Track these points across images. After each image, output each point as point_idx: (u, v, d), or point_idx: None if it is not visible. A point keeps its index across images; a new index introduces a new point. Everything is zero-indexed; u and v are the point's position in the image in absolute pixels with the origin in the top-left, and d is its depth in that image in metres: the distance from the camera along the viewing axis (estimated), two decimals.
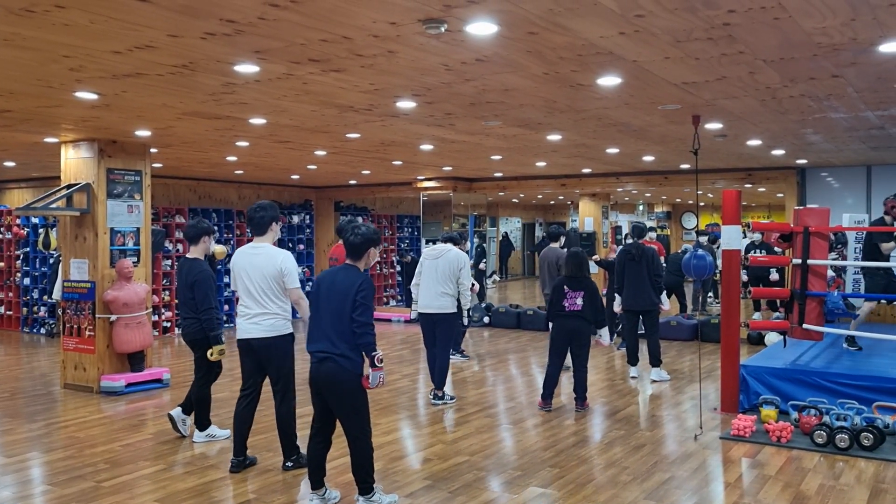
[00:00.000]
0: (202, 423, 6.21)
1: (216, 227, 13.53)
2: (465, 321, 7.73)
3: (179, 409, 6.37)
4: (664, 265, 10.67)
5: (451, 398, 7.59)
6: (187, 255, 6.24)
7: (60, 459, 5.70)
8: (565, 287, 7.08)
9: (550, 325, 7.30)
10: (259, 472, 5.37)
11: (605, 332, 7.29)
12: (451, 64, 4.80)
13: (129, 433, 6.43)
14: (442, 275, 7.45)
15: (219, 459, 5.67)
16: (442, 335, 7.48)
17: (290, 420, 5.37)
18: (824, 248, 6.85)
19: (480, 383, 8.54)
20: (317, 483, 4.67)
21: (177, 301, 6.66)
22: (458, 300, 7.58)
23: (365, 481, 4.55)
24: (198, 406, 6.20)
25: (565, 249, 8.95)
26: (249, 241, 5.69)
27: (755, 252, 10.76)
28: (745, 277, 9.20)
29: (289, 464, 5.40)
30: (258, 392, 5.46)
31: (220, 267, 8.04)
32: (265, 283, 5.25)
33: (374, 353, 4.40)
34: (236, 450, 5.42)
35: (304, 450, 5.11)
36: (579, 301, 7.01)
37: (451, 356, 8.79)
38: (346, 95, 5.80)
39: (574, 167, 12.14)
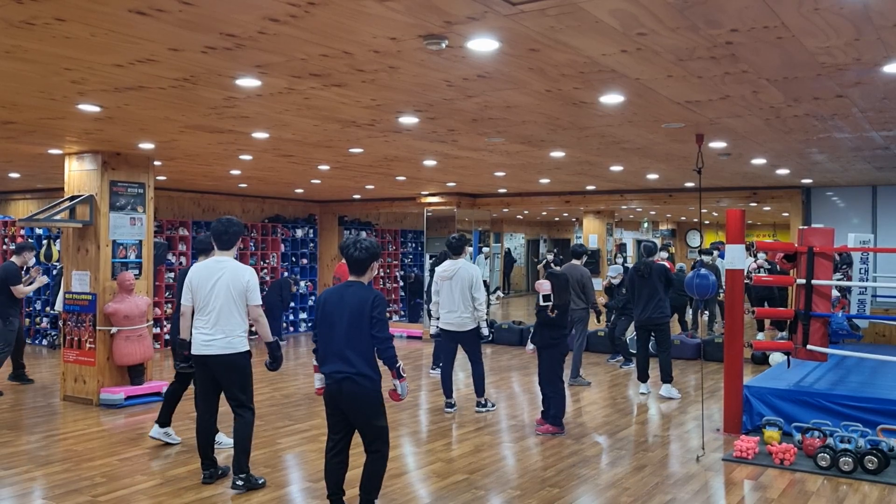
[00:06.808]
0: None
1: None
2: (485, 332, 7.78)
3: (156, 426, 6.41)
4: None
5: (493, 405, 7.88)
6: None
7: (57, 472, 5.66)
8: None
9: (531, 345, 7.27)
10: (258, 489, 5.31)
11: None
12: (453, 80, 4.79)
13: (128, 447, 6.39)
14: (458, 293, 7.69)
15: None
16: (471, 347, 7.78)
17: (248, 437, 5.26)
18: (829, 269, 6.81)
19: None
20: (337, 502, 4.62)
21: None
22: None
23: (373, 497, 4.57)
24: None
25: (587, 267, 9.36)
26: (209, 255, 5.62)
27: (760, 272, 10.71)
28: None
29: (239, 482, 5.23)
30: (217, 405, 5.46)
31: None
32: (229, 299, 5.18)
33: (398, 365, 4.46)
34: (205, 463, 5.42)
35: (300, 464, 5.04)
36: None
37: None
38: (348, 110, 5.80)
39: (578, 184, 12.13)
